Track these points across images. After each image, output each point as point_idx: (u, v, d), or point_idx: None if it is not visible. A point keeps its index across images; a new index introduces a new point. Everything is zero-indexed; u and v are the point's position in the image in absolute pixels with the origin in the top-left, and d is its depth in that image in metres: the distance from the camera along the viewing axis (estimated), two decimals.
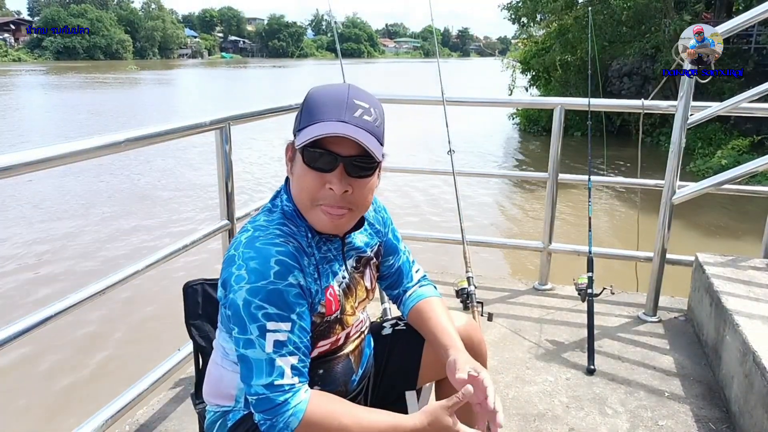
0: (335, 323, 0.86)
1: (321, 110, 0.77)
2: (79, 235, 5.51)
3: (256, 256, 0.74)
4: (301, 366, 0.76)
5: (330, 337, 0.86)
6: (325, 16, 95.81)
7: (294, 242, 0.78)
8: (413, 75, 37.32)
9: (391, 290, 1.03)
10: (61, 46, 56.25)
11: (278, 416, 0.73)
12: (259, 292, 0.73)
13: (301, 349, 0.76)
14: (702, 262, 1.98)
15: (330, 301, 0.83)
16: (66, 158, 1.14)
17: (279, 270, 0.74)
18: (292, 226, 0.81)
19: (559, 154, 2.25)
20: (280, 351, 0.73)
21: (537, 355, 1.80)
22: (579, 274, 1.96)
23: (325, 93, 0.79)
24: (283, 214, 0.82)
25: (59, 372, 3.17)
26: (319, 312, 0.82)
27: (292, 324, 0.74)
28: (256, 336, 0.73)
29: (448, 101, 2.24)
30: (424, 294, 1.01)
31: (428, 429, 0.75)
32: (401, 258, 1.02)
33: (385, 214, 1.00)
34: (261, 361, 0.73)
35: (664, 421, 1.47)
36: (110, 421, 1.30)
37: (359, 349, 0.95)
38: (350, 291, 0.88)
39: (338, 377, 0.90)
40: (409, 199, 6.97)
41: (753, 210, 5.41)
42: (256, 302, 0.73)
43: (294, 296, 0.75)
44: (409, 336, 1.00)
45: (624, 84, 11.47)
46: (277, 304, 0.73)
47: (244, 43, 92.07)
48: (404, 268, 1.02)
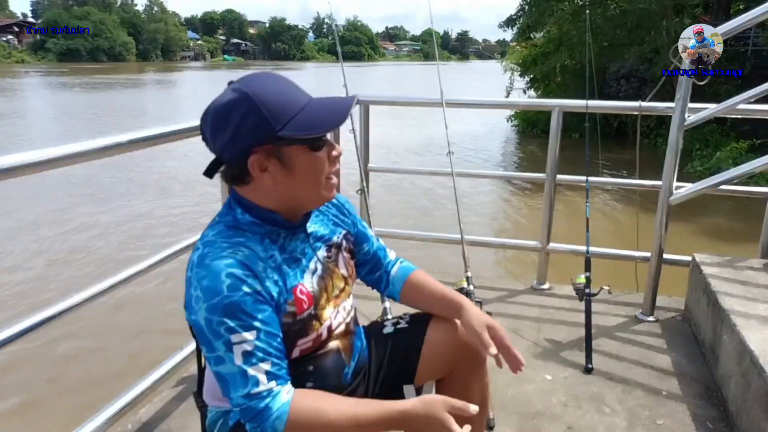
0: (311, 320, 0.85)
1: (287, 100, 0.77)
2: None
3: (207, 273, 0.74)
4: (276, 369, 0.75)
5: (309, 335, 0.85)
6: (326, 19, 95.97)
7: (244, 251, 0.77)
8: (414, 77, 37.35)
9: (373, 274, 1.04)
10: (65, 48, 56.36)
11: (264, 422, 0.73)
12: (216, 309, 0.73)
13: (273, 354, 0.75)
14: (699, 262, 1.99)
15: (300, 299, 0.83)
16: (69, 159, 1.14)
17: (231, 283, 0.73)
18: (241, 236, 0.79)
19: (557, 155, 2.26)
20: (250, 360, 0.73)
21: (535, 354, 1.82)
22: (577, 274, 1.98)
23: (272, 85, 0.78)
24: (232, 226, 0.80)
25: (61, 370, 3.19)
26: (289, 312, 0.81)
27: (256, 331, 0.74)
28: (224, 351, 0.73)
29: (447, 103, 2.26)
30: (410, 267, 1.05)
31: (420, 416, 0.74)
32: (374, 243, 1.05)
33: (347, 205, 1.02)
34: (234, 375, 0.73)
35: (662, 420, 1.48)
36: (113, 419, 1.30)
37: (349, 342, 0.94)
38: (325, 282, 0.88)
39: (330, 372, 0.90)
40: (408, 199, 6.98)
41: (750, 211, 5.42)
42: (216, 319, 0.73)
43: (252, 304, 0.74)
44: (411, 333, 1.00)
45: (622, 86, 11.49)
46: (236, 316, 0.73)
47: (246, 46, 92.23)
48: (380, 251, 1.05)
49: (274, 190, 0.80)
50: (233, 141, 0.76)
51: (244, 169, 0.78)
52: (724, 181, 1.95)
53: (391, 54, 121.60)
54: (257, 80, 0.78)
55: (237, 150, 0.77)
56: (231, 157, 0.79)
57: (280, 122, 0.76)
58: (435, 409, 0.73)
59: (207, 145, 0.82)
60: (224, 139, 0.77)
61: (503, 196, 7.63)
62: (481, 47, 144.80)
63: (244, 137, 0.76)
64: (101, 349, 3.43)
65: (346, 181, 2.67)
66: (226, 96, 0.78)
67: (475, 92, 22.70)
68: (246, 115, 0.75)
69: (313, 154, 0.79)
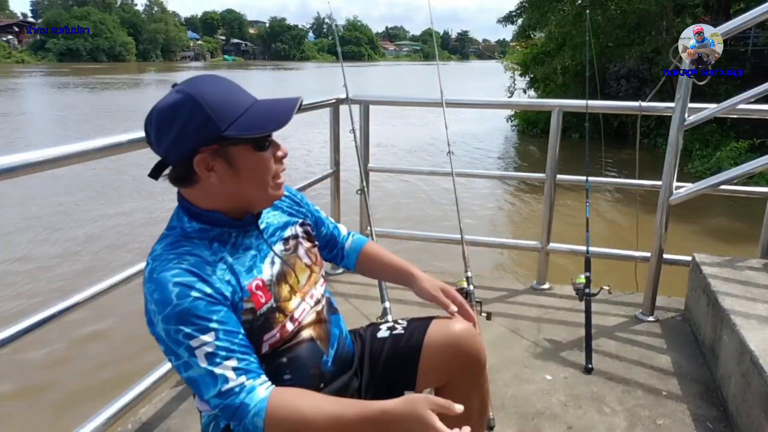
0: (273, 313, 0.85)
1: (233, 101, 0.78)
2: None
3: (156, 287, 0.75)
4: (243, 365, 0.76)
5: (274, 328, 0.85)
6: (326, 19, 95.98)
7: (190, 258, 0.78)
8: (414, 77, 37.30)
9: (331, 252, 1.13)
10: (65, 48, 56.37)
11: (243, 418, 0.74)
12: (170, 318, 0.74)
13: (236, 350, 0.76)
14: (699, 262, 1.99)
15: (256, 295, 0.83)
16: (69, 159, 1.15)
17: (179, 291, 0.75)
18: (188, 245, 0.80)
19: (557, 155, 2.27)
20: (214, 360, 0.74)
21: (535, 354, 1.82)
22: (577, 274, 1.98)
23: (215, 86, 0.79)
24: (179, 236, 0.81)
25: (63, 368, 3.19)
26: (247, 309, 0.82)
27: (214, 332, 0.75)
28: (188, 357, 0.74)
29: (447, 103, 2.26)
30: (362, 240, 1.14)
31: (402, 415, 0.72)
32: (329, 225, 1.11)
33: (299, 195, 1.05)
34: (203, 377, 0.74)
35: (662, 420, 1.48)
36: (112, 419, 1.31)
37: (323, 330, 0.93)
38: (286, 274, 0.89)
39: (306, 361, 0.89)
40: (408, 199, 6.98)
41: (750, 211, 5.42)
42: (172, 328, 0.74)
43: (205, 307, 0.75)
44: (407, 339, 1.00)
45: (622, 86, 11.49)
46: (190, 321, 0.74)
47: (246, 46, 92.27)
48: (334, 231, 1.12)
49: (221, 189, 0.81)
50: (178, 142, 0.77)
51: (190, 170, 0.79)
52: (724, 181, 1.95)
53: (391, 54, 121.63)
54: (201, 82, 0.80)
55: (182, 150, 0.78)
56: (176, 158, 0.79)
57: (225, 122, 0.76)
58: (418, 407, 0.71)
59: (151, 147, 0.82)
60: (169, 140, 0.78)
61: (503, 196, 7.63)
62: (481, 47, 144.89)
63: (190, 138, 0.77)
64: (101, 348, 3.43)
65: (347, 181, 2.68)
66: (170, 98, 0.78)
67: (476, 92, 22.71)
68: (191, 116, 0.76)
69: (258, 153, 0.81)
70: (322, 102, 2.28)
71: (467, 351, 0.95)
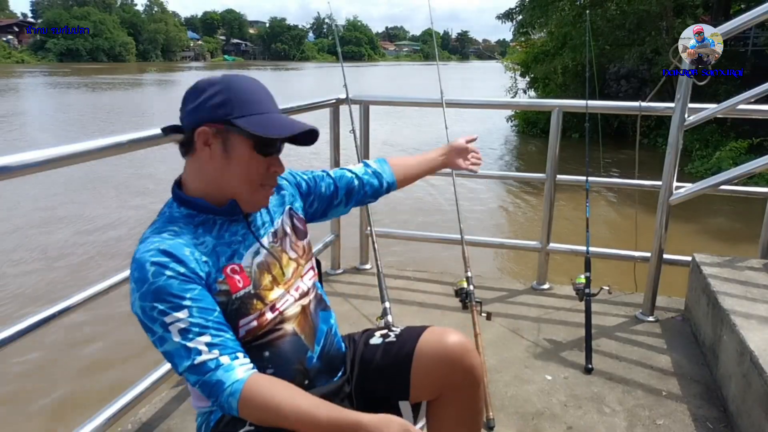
0: (251, 299, 0.86)
1: (260, 101, 0.85)
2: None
3: (136, 266, 0.79)
4: (218, 341, 0.78)
5: (251, 314, 0.86)
6: (326, 19, 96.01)
7: (170, 240, 0.82)
8: (414, 77, 37.27)
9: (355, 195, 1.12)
10: (64, 48, 56.35)
11: (219, 396, 0.75)
12: (146, 296, 0.77)
13: (210, 327, 0.78)
14: (699, 262, 1.99)
15: (232, 278, 0.85)
16: (69, 159, 1.14)
17: (155, 270, 0.78)
18: (173, 227, 0.84)
19: (557, 155, 2.27)
20: (187, 336, 0.77)
21: (535, 354, 1.82)
22: (577, 274, 1.98)
23: (252, 85, 0.86)
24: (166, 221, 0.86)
25: (64, 368, 3.19)
26: (221, 290, 0.84)
27: (188, 309, 0.78)
28: (162, 332, 0.77)
29: (447, 103, 2.26)
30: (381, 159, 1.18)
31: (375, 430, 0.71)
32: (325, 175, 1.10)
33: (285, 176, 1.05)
34: (177, 350, 0.77)
35: (662, 420, 1.48)
36: (112, 420, 1.31)
37: (308, 325, 0.93)
38: (269, 265, 0.90)
39: (289, 356, 0.89)
40: (408, 199, 6.98)
41: (750, 211, 5.42)
42: (147, 305, 0.77)
43: (179, 284, 0.78)
44: (399, 347, 0.97)
45: (622, 86, 11.48)
46: (164, 299, 0.77)
47: (246, 46, 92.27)
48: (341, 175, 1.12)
49: (207, 168, 0.86)
50: (195, 110, 0.84)
51: (190, 139, 0.85)
52: (724, 181, 1.95)
53: (391, 54, 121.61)
54: (242, 78, 0.87)
55: (194, 119, 0.84)
56: (187, 124, 0.86)
57: (239, 112, 0.83)
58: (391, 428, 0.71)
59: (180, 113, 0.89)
60: (190, 106, 0.85)
61: (503, 196, 7.63)
62: (481, 47, 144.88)
63: (205, 110, 0.84)
64: (100, 348, 3.42)
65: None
66: (212, 77, 0.87)
67: (476, 92, 22.69)
68: (215, 94, 0.84)
69: (253, 153, 0.85)
70: (322, 102, 2.28)
71: (460, 366, 0.92)
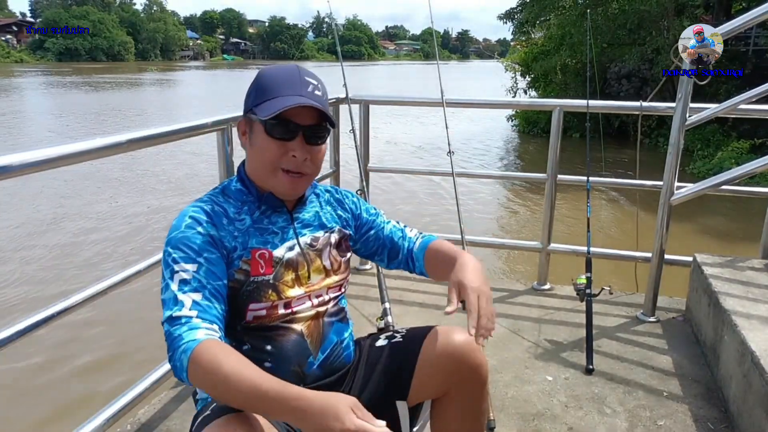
0: (267, 287, 0.87)
1: (278, 87, 0.88)
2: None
3: (178, 216, 0.86)
4: (205, 304, 0.79)
5: (262, 301, 0.87)
6: (326, 18, 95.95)
7: (215, 207, 0.88)
8: (414, 76, 37.18)
9: (395, 259, 1.06)
10: (63, 48, 56.26)
11: (175, 351, 0.74)
12: (171, 241, 0.83)
13: (207, 289, 0.80)
14: (700, 262, 1.99)
15: (257, 261, 0.87)
16: (69, 159, 1.14)
17: (190, 222, 0.84)
18: (221, 197, 0.91)
19: (558, 155, 2.26)
20: (184, 288, 0.79)
21: (536, 355, 1.81)
22: (578, 274, 1.97)
23: (278, 72, 0.90)
24: (220, 191, 0.93)
25: (59, 369, 3.18)
26: (241, 269, 0.86)
27: (198, 265, 0.81)
28: (168, 278, 0.80)
29: (448, 102, 2.26)
30: (428, 240, 1.05)
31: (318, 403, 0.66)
32: (384, 227, 1.06)
33: (353, 198, 1.06)
34: (169, 299, 0.78)
35: (663, 421, 1.48)
36: (112, 420, 1.30)
37: (318, 331, 0.92)
38: (298, 264, 0.92)
39: (290, 355, 0.89)
40: (408, 199, 6.98)
41: (751, 211, 5.41)
42: (168, 250, 0.82)
43: (202, 242, 0.82)
44: (404, 348, 0.98)
45: (623, 86, 11.47)
46: (183, 248, 0.81)
47: (245, 45, 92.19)
48: (395, 233, 1.06)
49: (248, 156, 0.94)
50: (244, 103, 0.94)
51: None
52: (725, 181, 1.95)
53: (391, 53, 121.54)
54: (274, 67, 0.93)
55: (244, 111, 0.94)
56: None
57: (258, 100, 0.89)
58: (338, 402, 0.67)
59: None
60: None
61: (504, 196, 7.62)
62: (481, 46, 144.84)
63: (245, 103, 0.93)
64: (100, 348, 3.42)
65: (347, 181, 2.67)
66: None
67: (476, 92, 22.68)
68: (251, 86, 0.93)
69: (267, 138, 0.88)
70: None
71: (466, 365, 0.91)
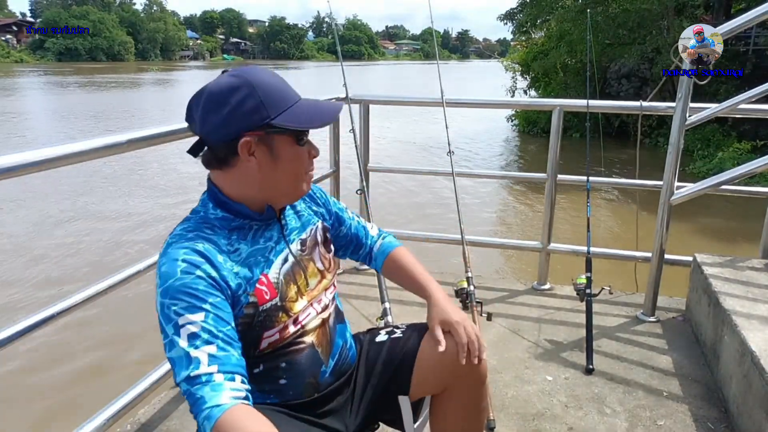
0: (277, 311, 0.84)
1: (283, 94, 0.82)
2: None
3: (166, 261, 0.76)
4: (222, 355, 0.72)
5: (275, 327, 0.84)
6: (326, 18, 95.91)
7: (205, 243, 0.79)
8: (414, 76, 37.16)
9: (357, 253, 1.10)
10: (63, 48, 56.21)
11: (198, 414, 0.69)
12: (168, 291, 0.74)
13: (219, 338, 0.73)
14: (700, 262, 1.99)
15: (260, 290, 0.82)
16: (69, 159, 1.14)
17: (186, 267, 0.75)
18: (208, 230, 0.81)
19: (558, 155, 2.26)
20: (194, 342, 0.72)
21: (536, 355, 1.81)
22: (578, 274, 1.97)
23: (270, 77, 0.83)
24: (201, 222, 0.82)
25: (59, 369, 3.18)
26: (250, 303, 0.81)
27: (205, 314, 0.73)
28: (172, 334, 0.72)
29: (448, 102, 2.25)
30: (390, 245, 1.10)
31: None
32: (351, 223, 1.08)
33: (321, 192, 1.04)
34: (181, 358, 0.71)
35: (663, 421, 1.48)
36: (111, 420, 1.30)
37: (326, 339, 0.92)
38: (296, 275, 0.88)
39: (304, 369, 0.88)
40: (409, 199, 6.98)
41: (751, 211, 5.41)
42: (167, 302, 0.73)
43: (204, 287, 0.75)
44: (405, 342, 0.98)
45: (623, 86, 11.48)
46: (185, 298, 0.73)
47: (245, 45, 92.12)
48: (359, 230, 1.09)
49: (256, 176, 0.82)
50: (227, 123, 0.78)
51: (231, 152, 0.80)
52: (725, 181, 1.95)
53: (391, 53, 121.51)
54: (257, 70, 0.82)
55: (228, 132, 0.79)
56: (219, 139, 0.80)
57: (275, 111, 0.79)
58: None
59: (190, 126, 0.83)
60: (217, 120, 0.79)
61: (504, 196, 7.63)
62: (481, 46, 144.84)
63: (239, 120, 0.78)
64: (99, 348, 3.42)
65: (347, 180, 2.67)
66: (224, 80, 0.80)
67: (477, 92, 22.67)
68: (244, 99, 0.78)
69: (298, 147, 0.84)
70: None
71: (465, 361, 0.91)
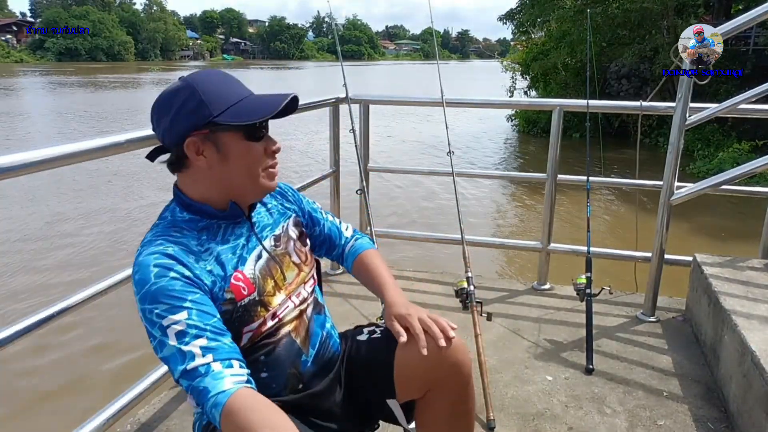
0: (255, 306, 0.85)
1: (228, 90, 0.83)
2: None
3: (138, 269, 0.78)
4: (213, 345, 0.75)
5: (254, 321, 0.85)
6: (325, 18, 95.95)
7: (174, 246, 0.81)
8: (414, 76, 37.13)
9: (331, 253, 1.12)
10: (63, 48, 56.22)
11: (205, 404, 0.72)
12: (146, 297, 0.76)
13: (207, 330, 0.76)
14: (700, 262, 1.99)
15: (237, 286, 0.84)
16: (68, 159, 1.14)
17: (159, 271, 0.77)
18: (177, 233, 0.83)
19: (558, 155, 2.26)
20: (184, 339, 0.74)
21: (536, 355, 1.81)
22: (577, 274, 1.97)
23: (214, 76, 0.85)
24: (170, 225, 0.84)
25: (59, 369, 3.18)
26: (227, 299, 0.83)
27: (187, 311, 0.76)
28: (160, 336, 0.75)
29: (448, 102, 2.25)
30: (361, 246, 1.11)
31: None
32: (325, 223, 1.10)
33: (290, 191, 1.05)
34: (173, 355, 0.75)
35: (663, 421, 1.48)
36: (112, 420, 1.30)
37: (304, 329, 0.92)
38: (272, 270, 0.89)
39: (284, 360, 0.89)
40: (408, 199, 6.98)
41: (751, 211, 5.41)
42: (147, 307, 0.76)
43: (181, 287, 0.77)
44: (383, 345, 0.97)
45: (622, 86, 11.48)
46: (165, 300, 0.76)
47: (245, 45, 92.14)
48: (333, 231, 1.11)
49: (208, 175, 0.84)
50: (173, 124, 0.82)
51: (181, 153, 0.83)
52: (725, 181, 1.94)
53: (391, 53, 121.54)
54: (202, 73, 0.85)
55: (176, 133, 0.82)
56: (171, 141, 0.84)
57: (218, 109, 0.81)
58: None
59: (155, 132, 0.87)
60: (166, 122, 0.83)
61: (504, 196, 7.63)
62: (481, 46, 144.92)
63: (183, 121, 0.81)
64: (100, 347, 3.42)
65: (347, 180, 2.67)
66: (172, 85, 0.84)
67: (477, 92, 22.68)
68: (186, 101, 0.81)
69: (248, 143, 0.84)
70: (322, 101, 2.28)
71: (445, 362, 0.89)
